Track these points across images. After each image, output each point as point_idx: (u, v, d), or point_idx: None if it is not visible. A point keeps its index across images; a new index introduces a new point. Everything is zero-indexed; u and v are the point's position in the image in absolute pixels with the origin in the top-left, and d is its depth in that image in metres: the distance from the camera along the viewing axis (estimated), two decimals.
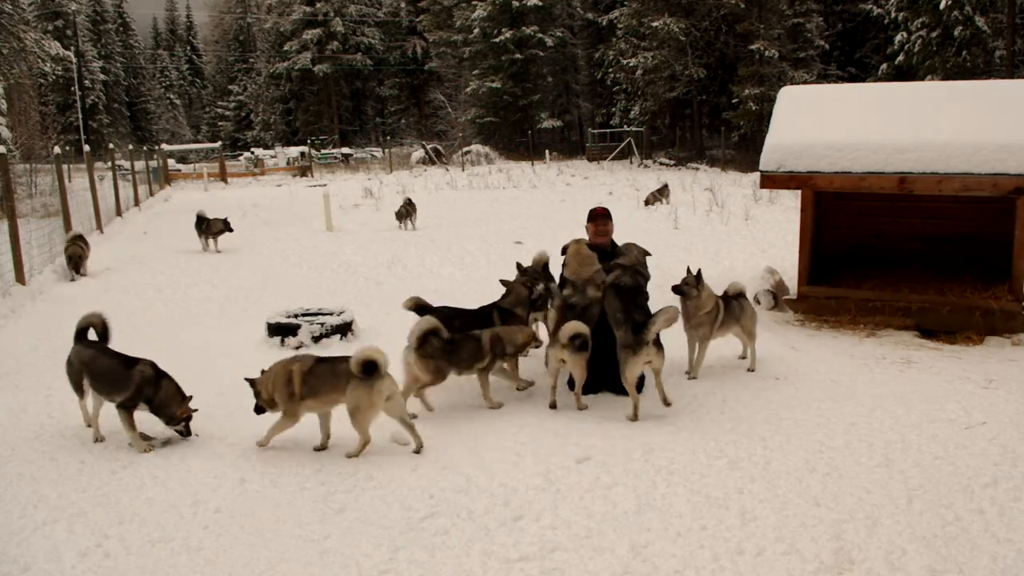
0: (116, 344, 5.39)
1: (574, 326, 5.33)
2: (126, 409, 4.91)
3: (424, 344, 5.34)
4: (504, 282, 6.52)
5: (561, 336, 5.33)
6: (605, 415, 5.42)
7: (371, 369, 4.66)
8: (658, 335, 5.36)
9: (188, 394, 5.07)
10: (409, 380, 5.47)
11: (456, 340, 5.52)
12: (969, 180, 6.97)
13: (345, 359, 4.84)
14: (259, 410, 4.99)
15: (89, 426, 5.21)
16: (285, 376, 4.83)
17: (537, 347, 6.00)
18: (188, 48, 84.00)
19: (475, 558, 3.66)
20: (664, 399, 5.48)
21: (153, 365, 5.04)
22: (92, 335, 5.35)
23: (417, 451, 4.83)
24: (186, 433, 5.09)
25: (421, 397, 5.62)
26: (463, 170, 34.70)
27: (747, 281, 8.91)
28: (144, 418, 5.05)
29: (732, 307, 6.37)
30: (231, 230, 13.69)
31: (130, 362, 5.01)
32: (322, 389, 4.80)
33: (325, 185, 28.09)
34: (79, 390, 5.19)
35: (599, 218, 6.45)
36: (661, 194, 18.20)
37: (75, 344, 5.26)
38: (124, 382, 4.91)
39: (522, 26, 45.19)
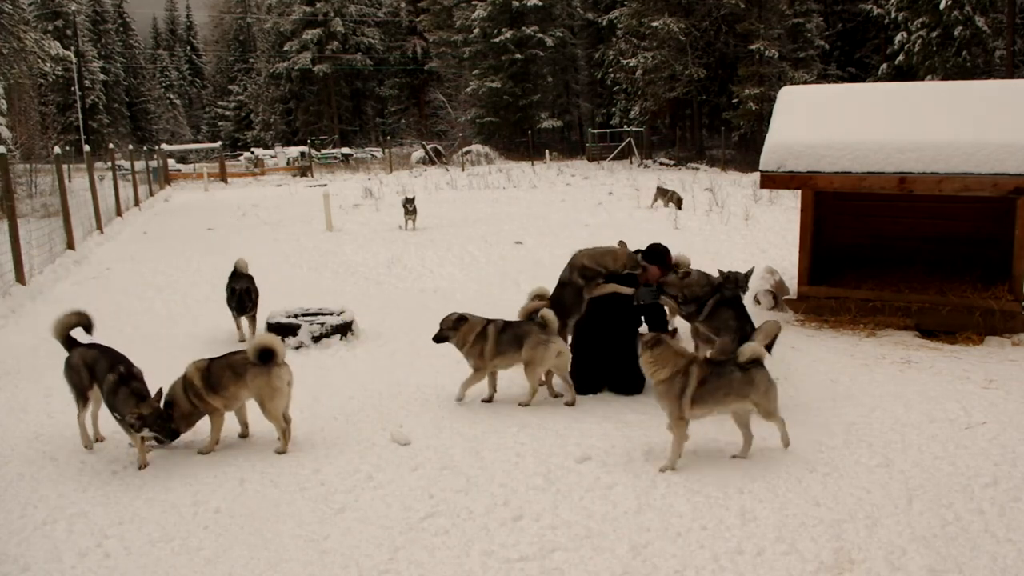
0: (116, 345, 5.34)
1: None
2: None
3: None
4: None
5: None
6: (605, 415, 5.41)
7: (267, 356, 4.75)
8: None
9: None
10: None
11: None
12: (969, 180, 6.97)
13: (239, 352, 4.94)
14: (173, 435, 4.76)
15: (88, 448, 4.98)
16: (186, 381, 4.84)
17: None
18: (188, 48, 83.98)
19: (475, 558, 3.66)
20: None
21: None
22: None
23: (280, 452, 4.85)
24: (169, 437, 4.76)
25: (548, 384, 5.89)
26: (463, 170, 34.67)
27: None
28: None
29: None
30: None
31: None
32: (221, 383, 4.81)
33: (325, 185, 28.08)
34: (83, 398, 4.93)
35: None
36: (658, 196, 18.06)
37: (77, 347, 5.04)
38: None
39: (522, 26, 45.16)
